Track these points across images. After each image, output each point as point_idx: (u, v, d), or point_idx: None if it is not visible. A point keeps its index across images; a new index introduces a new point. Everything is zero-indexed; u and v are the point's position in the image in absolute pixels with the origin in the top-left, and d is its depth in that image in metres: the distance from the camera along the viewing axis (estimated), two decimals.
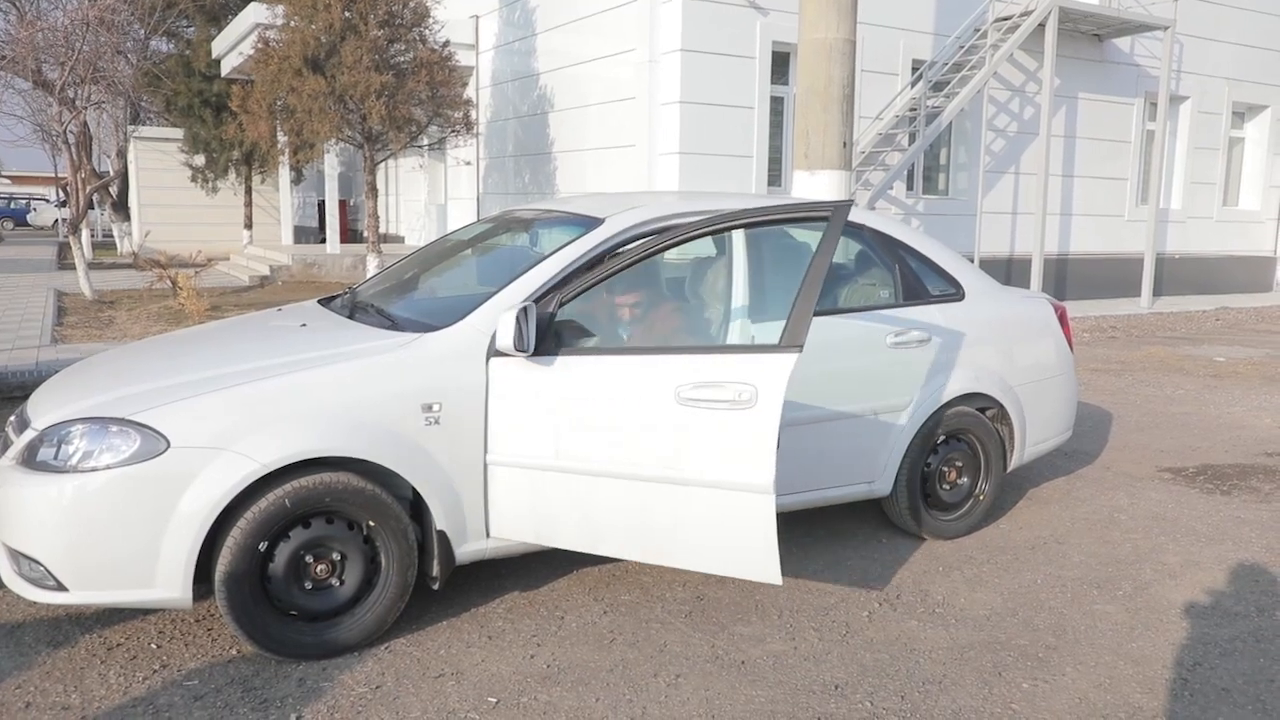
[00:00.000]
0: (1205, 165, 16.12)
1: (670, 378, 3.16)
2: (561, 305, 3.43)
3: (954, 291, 4.49)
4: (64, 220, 27.28)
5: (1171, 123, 15.70)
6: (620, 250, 3.74)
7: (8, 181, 50.44)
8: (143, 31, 18.51)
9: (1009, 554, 4.33)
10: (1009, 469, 4.72)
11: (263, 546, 3.16)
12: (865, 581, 3.99)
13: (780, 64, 11.67)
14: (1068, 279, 14.66)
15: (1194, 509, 5.02)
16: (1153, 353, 10.43)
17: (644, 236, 3.82)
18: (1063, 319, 4.90)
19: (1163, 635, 3.55)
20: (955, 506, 4.52)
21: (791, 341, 3.04)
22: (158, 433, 3.06)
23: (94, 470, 3.02)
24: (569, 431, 3.31)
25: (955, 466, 4.50)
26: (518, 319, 3.23)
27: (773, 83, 11.75)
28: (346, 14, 11.44)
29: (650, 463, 3.19)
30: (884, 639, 3.48)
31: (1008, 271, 13.75)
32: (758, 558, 3.11)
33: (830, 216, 3.23)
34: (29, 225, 40.31)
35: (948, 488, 4.49)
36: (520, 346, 3.24)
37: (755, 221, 3.37)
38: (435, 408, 3.34)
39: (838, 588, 3.92)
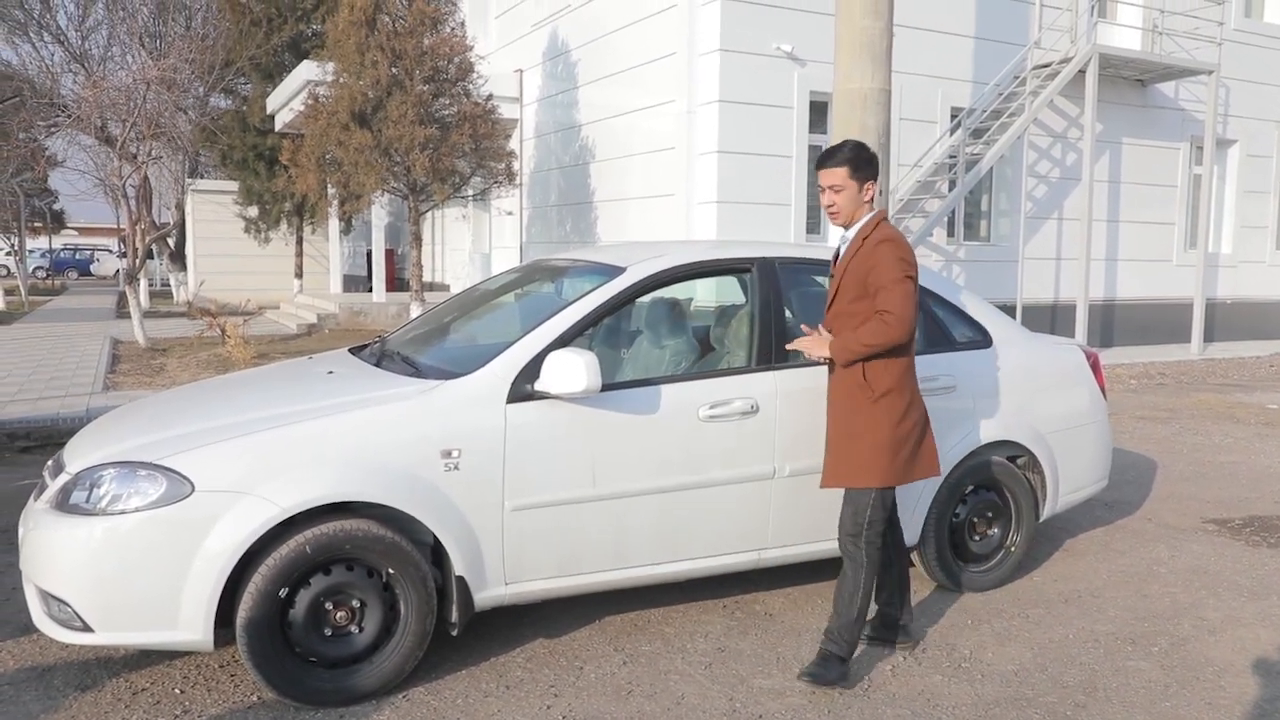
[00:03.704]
0: (1256, 209, 15.84)
1: (694, 399, 3.74)
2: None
3: (981, 339, 4.44)
4: (123, 270, 28.13)
5: (1219, 167, 15.48)
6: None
7: (74, 233, 52.28)
8: (202, 89, 19.19)
9: (1041, 607, 4.23)
10: (1041, 519, 4.62)
11: (283, 593, 3.20)
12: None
13: (819, 113, 11.74)
14: (1115, 325, 14.42)
15: (1238, 562, 4.86)
16: (1202, 400, 10.18)
17: (664, 284, 3.93)
18: (1095, 366, 4.82)
19: (1198, 694, 3.43)
20: (985, 558, 4.43)
21: (769, 362, 3.90)
22: (183, 477, 3.13)
23: (123, 513, 3.10)
24: (610, 460, 3.59)
25: (985, 517, 4.42)
26: (585, 363, 3.36)
27: (812, 131, 11.82)
28: (393, 70, 11.78)
29: (680, 474, 3.71)
30: (906, 694, 3.41)
31: (1052, 317, 13.56)
32: (758, 529, 3.92)
33: (753, 268, 4.03)
34: (92, 275, 41.68)
35: (977, 538, 4.41)
36: (594, 386, 3.39)
37: (705, 272, 4.06)
38: (455, 454, 3.38)
39: (861, 640, 3.85)
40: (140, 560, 3.07)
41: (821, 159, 3.53)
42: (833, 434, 3.53)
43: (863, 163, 3.48)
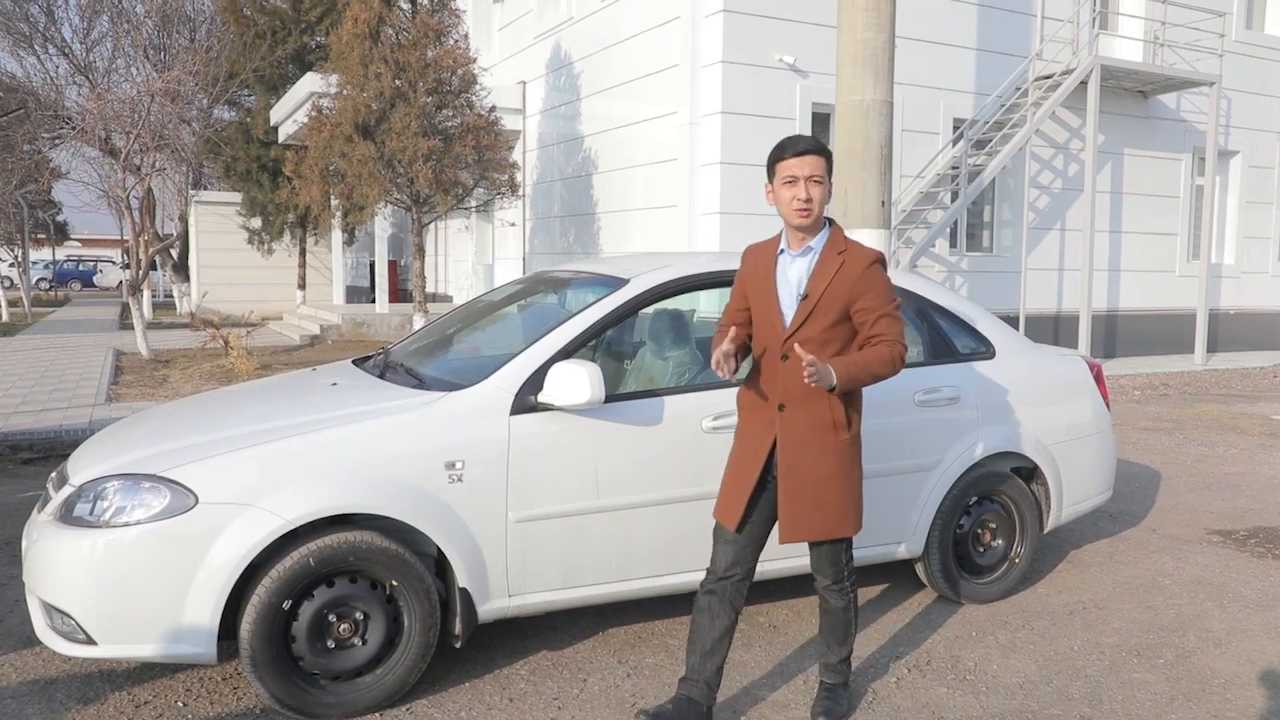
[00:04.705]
0: (1259, 220, 15.85)
1: (697, 411, 3.75)
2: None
3: (984, 350, 4.45)
4: (126, 282, 28.20)
5: (1221, 177, 15.51)
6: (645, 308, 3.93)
7: (78, 244, 52.43)
8: (206, 101, 19.29)
9: (1046, 619, 4.22)
10: (1045, 530, 4.61)
11: (287, 605, 3.19)
12: (894, 646, 3.91)
13: (821, 124, 11.77)
14: (1118, 335, 14.41)
15: (1243, 573, 4.85)
16: (1206, 410, 10.17)
17: (668, 295, 3.94)
18: (1098, 377, 4.82)
19: (1204, 707, 3.42)
20: (990, 569, 4.42)
21: None
22: (187, 489, 3.13)
23: (126, 525, 3.10)
24: (613, 471, 3.60)
25: (989, 528, 4.41)
26: (589, 374, 3.37)
27: None
28: (396, 82, 11.83)
29: (683, 485, 3.72)
30: (911, 706, 3.40)
31: (1055, 328, 13.56)
32: None
33: None
34: (95, 286, 41.79)
35: (981, 550, 4.40)
36: (597, 398, 3.39)
37: (708, 283, 4.00)
38: (458, 465, 3.38)
39: (865, 652, 3.84)
40: (144, 572, 3.07)
41: (791, 145, 3.09)
42: (800, 479, 3.06)
43: (831, 160, 3.13)
